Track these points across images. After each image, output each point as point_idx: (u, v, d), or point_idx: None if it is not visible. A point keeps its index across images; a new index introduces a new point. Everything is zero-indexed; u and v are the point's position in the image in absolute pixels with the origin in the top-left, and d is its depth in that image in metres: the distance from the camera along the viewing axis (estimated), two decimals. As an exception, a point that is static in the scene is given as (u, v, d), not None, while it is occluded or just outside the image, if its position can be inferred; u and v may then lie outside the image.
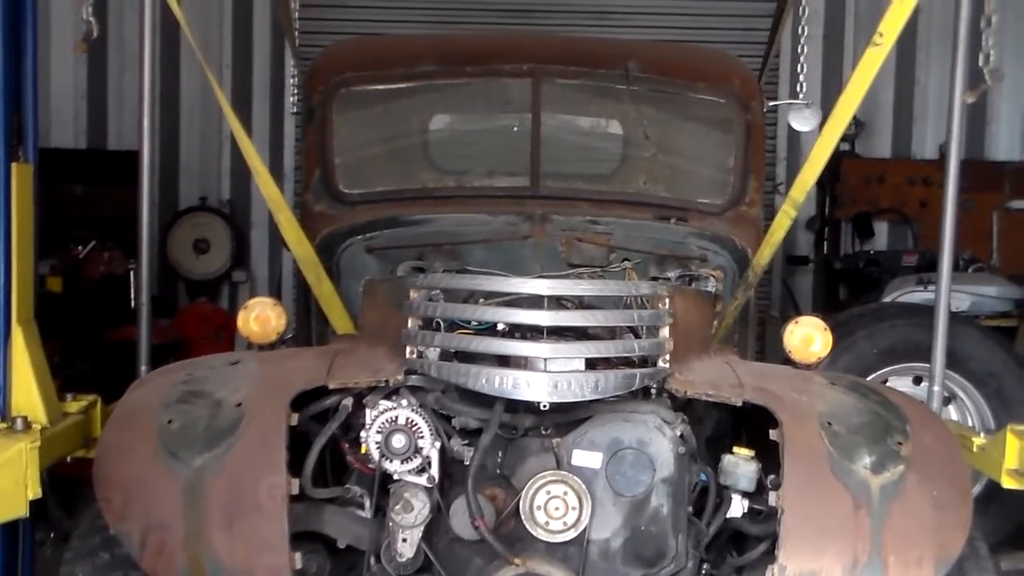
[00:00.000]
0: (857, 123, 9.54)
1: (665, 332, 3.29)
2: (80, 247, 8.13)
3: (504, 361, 3.16)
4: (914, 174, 9.78)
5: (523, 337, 3.19)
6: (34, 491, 3.85)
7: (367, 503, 3.33)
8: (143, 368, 4.90)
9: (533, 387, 3.05)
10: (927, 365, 5.71)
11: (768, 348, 6.09)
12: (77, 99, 10.03)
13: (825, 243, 9.98)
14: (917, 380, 6.23)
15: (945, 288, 5.47)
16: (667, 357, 3.27)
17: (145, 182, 4.75)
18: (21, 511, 3.84)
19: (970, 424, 6.22)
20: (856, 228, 9.92)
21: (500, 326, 3.21)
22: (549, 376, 3.05)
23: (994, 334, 6.45)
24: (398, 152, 4.83)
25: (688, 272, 4.09)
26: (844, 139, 10.18)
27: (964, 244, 9.28)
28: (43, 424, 4.06)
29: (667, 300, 3.33)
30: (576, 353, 3.11)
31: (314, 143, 4.68)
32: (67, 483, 4.91)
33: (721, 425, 3.63)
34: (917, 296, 7.51)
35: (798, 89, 5.63)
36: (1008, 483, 4.40)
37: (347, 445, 3.33)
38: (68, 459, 4.33)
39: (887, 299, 7.66)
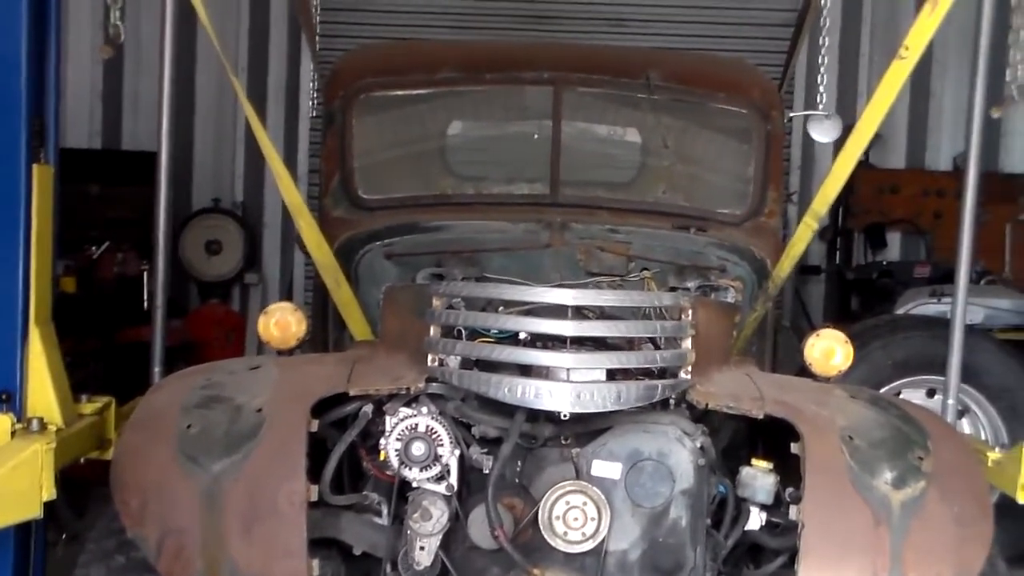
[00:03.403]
0: (876, 135, 9.55)
1: (687, 343, 3.28)
2: (94, 248, 8.13)
3: (525, 370, 3.15)
4: (928, 186, 9.79)
5: (544, 346, 3.18)
6: (49, 492, 3.85)
7: (384, 510, 3.32)
8: (157, 370, 4.90)
9: (555, 397, 3.04)
10: (941, 378, 5.69)
11: (779, 358, 6.08)
12: (92, 99, 10.04)
13: (837, 253, 9.97)
14: (931, 392, 6.20)
15: (962, 301, 5.45)
16: (689, 368, 3.26)
17: (163, 186, 4.76)
18: (36, 512, 3.84)
19: (983, 438, 6.19)
20: (868, 239, 9.91)
21: (522, 335, 3.21)
22: (572, 386, 3.04)
23: (1009, 348, 6.43)
24: (417, 158, 4.83)
25: (707, 282, 4.07)
26: (857, 150, 10.19)
27: (977, 256, 9.27)
28: (58, 425, 4.06)
29: (690, 311, 3.32)
30: (599, 363, 3.10)
31: (333, 148, 4.67)
32: (75, 484, 4.91)
33: (736, 436, 3.62)
34: (931, 308, 7.48)
35: (817, 100, 5.62)
36: (1024, 498, 4.38)
37: (365, 452, 3.33)
38: (82, 460, 4.34)
39: (900, 311, 7.64)
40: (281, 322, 3.69)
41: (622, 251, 4.08)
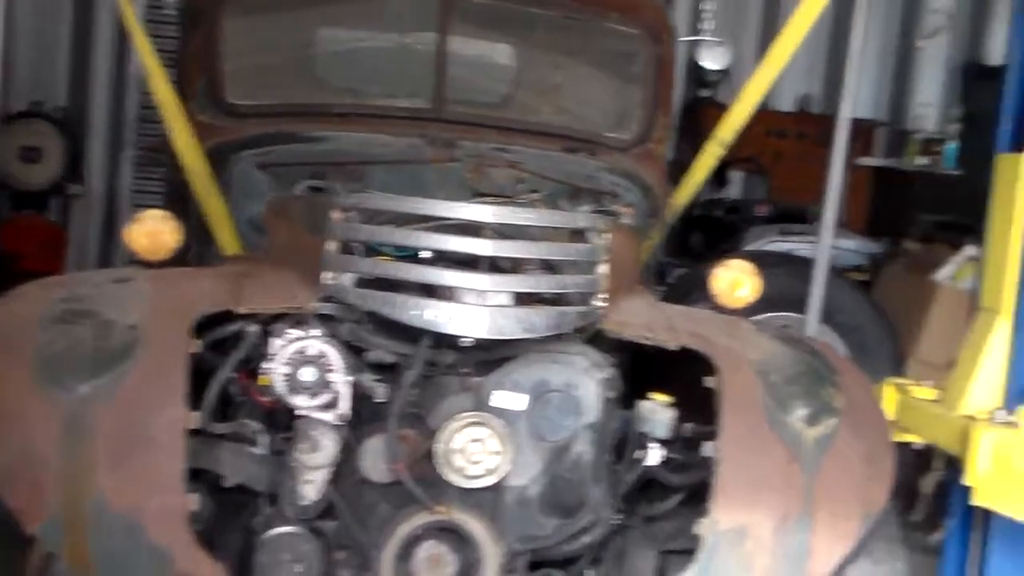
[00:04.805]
0: (720, 71, 9.54)
1: (603, 269, 3.09)
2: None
3: (428, 292, 2.92)
4: (771, 126, 9.84)
5: (445, 267, 2.95)
6: None
7: (263, 440, 3.06)
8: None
9: (469, 321, 2.83)
10: (795, 314, 5.74)
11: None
12: None
13: (681, 188, 9.98)
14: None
15: (827, 242, 5.51)
16: (604, 296, 3.08)
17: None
18: None
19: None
20: (712, 175, 9.94)
21: (424, 255, 2.96)
22: (487, 310, 2.83)
23: (861, 287, 6.52)
24: (292, 63, 4.44)
25: (602, 207, 3.89)
26: (705, 86, 10.19)
27: (814, 198, 9.43)
28: None
29: (606, 235, 3.13)
30: (516, 286, 2.89)
31: (199, 48, 4.27)
32: None
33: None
34: (780, 246, 7.55)
35: (704, 26, 5.50)
36: (886, 436, 4.40)
37: (244, 376, 3.05)
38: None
39: (749, 248, 7.68)
40: (152, 231, 3.35)
41: (517, 170, 3.85)
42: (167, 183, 4.83)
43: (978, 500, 3.48)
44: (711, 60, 4.85)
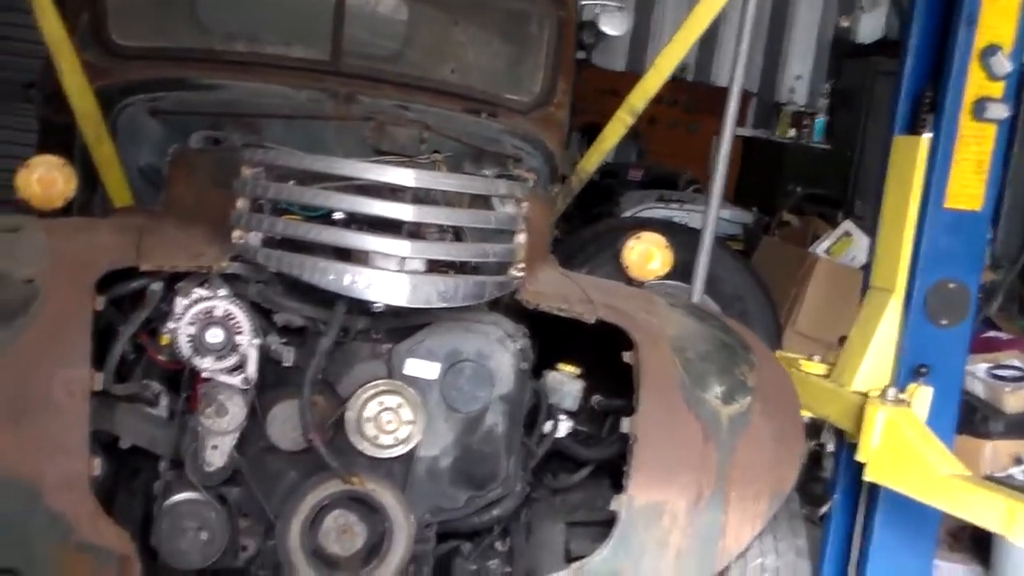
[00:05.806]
0: (598, 33, 9.52)
1: (521, 238, 3.02)
2: None
3: (339, 255, 2.81)
4: (647, 91, 9.91)
5: (359, 230, 2.84)
6: None
7: (163, 402, 2.93)
8: None
9: (388, 288, 2.72)
10: (675, 282, 5.76)
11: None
12: None
13: (554, 151, 9.97)
14: (665, 299, 6.26)
15: (715, 211, 5.52)
16: (521, 265, 3.01)
17: None
18: None
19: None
20: (586, 138, 9.96)
21: (336, 216, 2.85)
22: (408, 277, 2.73)
23: (741, 257, 6.59)
24: (184, 4, 4.24)
25: (506, 172, 3.81)
26: (582, 47, 10.17)
27: (686, 165, 9.53)
28: None
29: (524, 203, 3.06)
30: (439, 254, 2.80)
31: None
32: None
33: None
34: (658, 212, 7.60)
35: (600, -9, 5.43)
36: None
37: (144, 336, 2.90)
38: None
39: (627, 213, 7.72)
40: (45, 178, 3.15)
41: (429, 130, 3.73)
42: (42, 124, 4.58)
43: (870, 476, 3.56)
44: (611, 26, 4.79)
